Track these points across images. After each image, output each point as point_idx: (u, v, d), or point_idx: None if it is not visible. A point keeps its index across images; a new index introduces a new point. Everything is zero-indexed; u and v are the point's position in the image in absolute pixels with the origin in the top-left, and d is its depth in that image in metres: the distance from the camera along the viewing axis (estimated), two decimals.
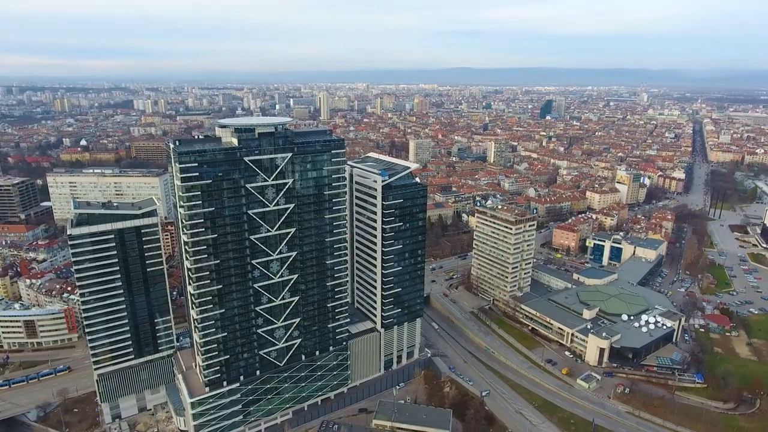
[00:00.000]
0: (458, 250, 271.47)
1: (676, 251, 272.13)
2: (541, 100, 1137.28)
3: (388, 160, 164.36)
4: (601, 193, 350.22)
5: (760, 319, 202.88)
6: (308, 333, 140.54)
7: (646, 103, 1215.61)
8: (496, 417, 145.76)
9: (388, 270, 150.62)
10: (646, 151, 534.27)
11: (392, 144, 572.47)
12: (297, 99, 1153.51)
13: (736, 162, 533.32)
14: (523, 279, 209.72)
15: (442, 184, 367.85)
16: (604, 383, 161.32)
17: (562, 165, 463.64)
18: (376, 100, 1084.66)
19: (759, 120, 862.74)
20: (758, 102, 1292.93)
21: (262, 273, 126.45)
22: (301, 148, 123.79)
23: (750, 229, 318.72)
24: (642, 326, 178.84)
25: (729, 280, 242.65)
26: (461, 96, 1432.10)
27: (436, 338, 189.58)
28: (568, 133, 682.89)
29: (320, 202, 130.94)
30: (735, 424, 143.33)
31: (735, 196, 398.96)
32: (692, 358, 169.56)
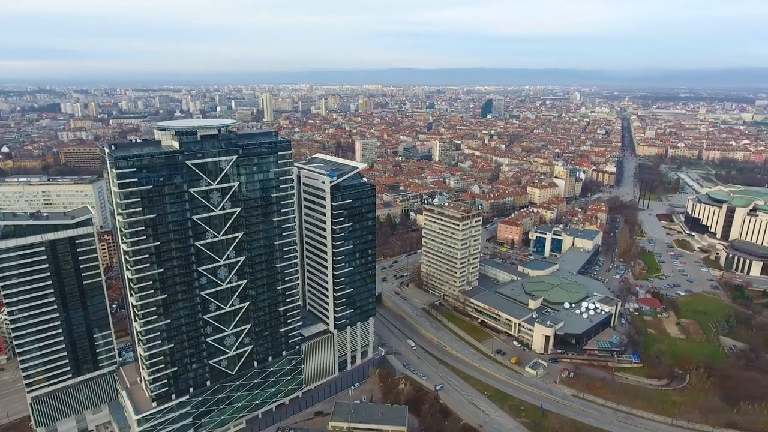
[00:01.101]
0: (408, 248, 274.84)
1: (610, 240, 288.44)
2: (482, 100, 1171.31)
3: (335, 161, 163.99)
4: (541, 188, 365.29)
5: (686, 300, 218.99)
6: (260, 339, 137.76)
7: (579, 102, 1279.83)
8: (451, 409, 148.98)
9: (339, 271, 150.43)
10: (580, 147, 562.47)
11: (338, 145, 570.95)
12: (239, 100, 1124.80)
13: (661, 155, 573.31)
14: (471, 273, 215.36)
15: (390, 183, 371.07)
16: (551, 369, 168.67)
17: (504, 162, 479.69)
18: (321, 101, 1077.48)
19: (679, 116, 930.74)
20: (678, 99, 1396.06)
21: (210, 280, 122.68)
22: (247, 150, 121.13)
23: (675, 218, 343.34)
24: (583, 313, 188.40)
25: (658, 265, 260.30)
26: (405, 96, 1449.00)
27: (390, 336, 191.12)
28: (508, 131, 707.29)
29: (268, 205, 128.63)
30: (668, 399, 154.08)
31: (661, 187, 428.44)
32: (629, 340, 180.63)
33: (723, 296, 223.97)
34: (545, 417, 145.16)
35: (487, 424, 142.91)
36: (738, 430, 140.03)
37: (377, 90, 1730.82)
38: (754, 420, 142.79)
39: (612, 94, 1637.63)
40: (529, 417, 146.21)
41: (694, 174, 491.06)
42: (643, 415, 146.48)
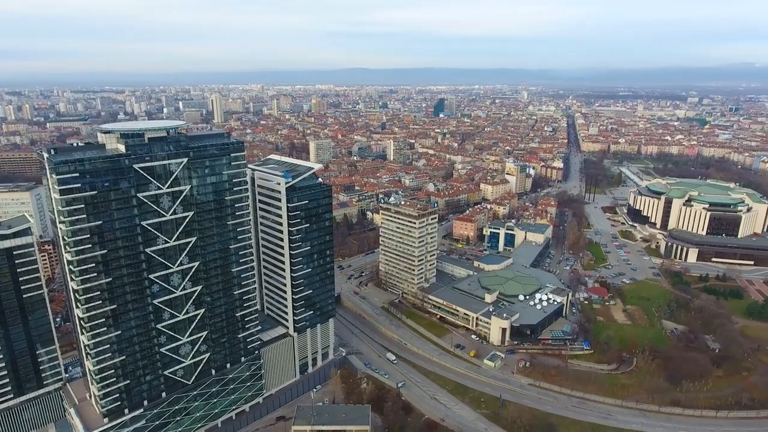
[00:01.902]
0: (365, 248, 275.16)
1: (560, 234, 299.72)
2: (434, 99, 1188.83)
3: (290, 162, 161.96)
4: (494, 185, 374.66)
5: (631, 288, 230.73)
6: (217, 346, 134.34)
7: (526, 101, 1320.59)
8: (413, 405, 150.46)
9: (297, 273, 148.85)
10: (529, 144, 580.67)
11: (292, 146, 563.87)
12: (187, 102, 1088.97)
13: (604, 151, 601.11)
14: (428, 270, 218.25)
15: (345, 183, 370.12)
16: (508, 360, 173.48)
17: (457, 160, 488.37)
18: (273, 102, 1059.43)
19: (619, 113, 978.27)
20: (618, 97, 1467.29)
21: (162, 287, 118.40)
22: (198, 152, 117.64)
23: (618, 210, 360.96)
24: (536, 304, 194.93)
25: (604, 255, 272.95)
26: (358, 96, 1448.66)
27: (350, 336, 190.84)
28: (460, 129, 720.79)
29: (221, 208, 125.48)
30: (618, 382, 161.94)
31: (605, 181, 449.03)
32: (580, 328, 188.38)
33: (664, 282, 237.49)
34: (504, 407, 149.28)
35: (449, 418, 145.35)
36: (681, 407, 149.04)
37: (330, 90, 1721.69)
38: (695, 397, 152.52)
39: (557, 92, 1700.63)
40: (489, 408, 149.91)
41: (634, 168, 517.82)
42: (595, 399, 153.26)
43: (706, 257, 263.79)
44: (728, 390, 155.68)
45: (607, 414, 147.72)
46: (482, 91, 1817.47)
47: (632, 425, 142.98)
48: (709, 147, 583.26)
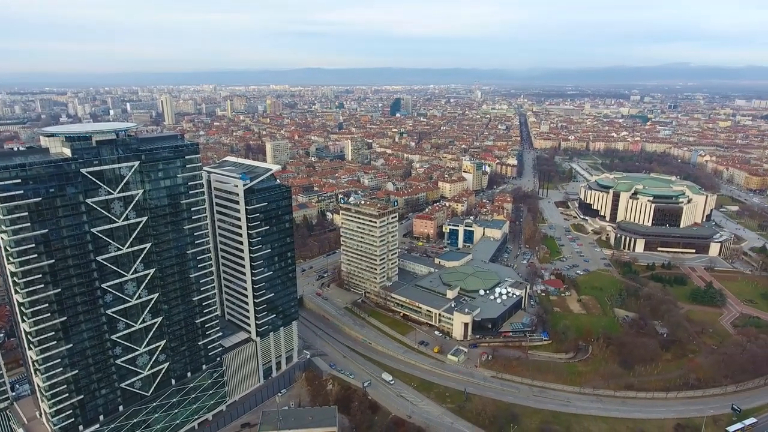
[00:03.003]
0: (326, 249, 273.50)
1: (516, 229, 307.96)
2: (390, 99, 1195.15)
3: (247, 164, 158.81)
4: (451, 183, 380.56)
5: (585, 279, 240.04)
6: (177, 354, 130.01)
7: (480, 100, 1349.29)
8: (380, 404, 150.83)
9: (258, 276, 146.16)
10: (484, 142, 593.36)
11: (248, 147, 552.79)
12: (135, 103, 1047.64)
13: (555, 148, 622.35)
14: (390, 269, 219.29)
15: (304, 184, 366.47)
16: (471, 354, 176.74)
17: (415, 159, 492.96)
18: (226, 103, 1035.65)
19: (568, 111, 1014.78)
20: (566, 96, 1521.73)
21: (116, 296, 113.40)
22: (150, 155, 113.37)
23: (570, 204, 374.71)
24: (496, 298, 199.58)
25: (559, 248, 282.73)
26: (314, 96, 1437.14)
27: (314, 338, 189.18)
28: (417, 128, 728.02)
29: (177, 212, 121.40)
30: (575, 370, 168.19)
31: (557, 176, 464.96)
32: (538, 320, 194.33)
33: (615, 272, 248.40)
34: (469, 400, 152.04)
35: (416, 414, 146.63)
36: (634, 390, 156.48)
37: (285, 90, 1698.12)
38: (647, 380, 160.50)
39: (509, 92, 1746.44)
40: (454, 402, 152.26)
41: (583, 164, 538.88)
42: (554, 388, 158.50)
43: (652, 247, 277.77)
44: (676, 372, 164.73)
45: (567, 401, 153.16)
46: (437, 90, 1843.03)
47: (590, 410, 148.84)
48: (651, 143, 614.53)
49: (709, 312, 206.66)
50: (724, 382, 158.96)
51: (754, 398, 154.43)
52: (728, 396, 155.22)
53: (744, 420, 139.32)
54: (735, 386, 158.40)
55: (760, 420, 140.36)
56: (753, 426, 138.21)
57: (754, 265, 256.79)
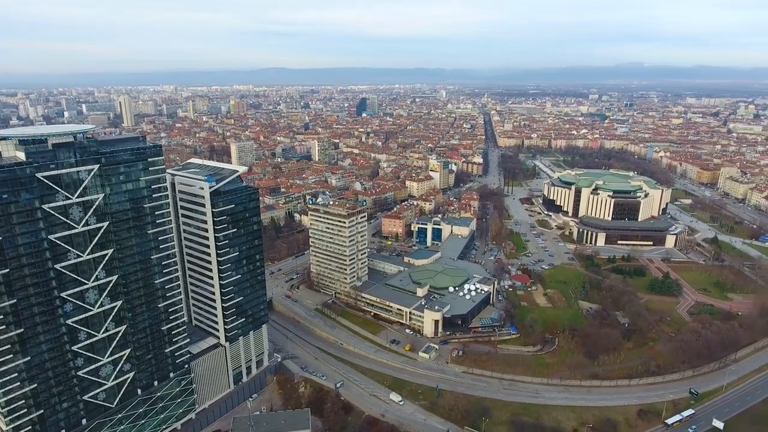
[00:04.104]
0: (295, 250, 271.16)
1: (483, 226, 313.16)
2: (356, 99, 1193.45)
3: (212, 165, 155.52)
4: (419, 182, 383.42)
5: (550, 273, 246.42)
6: (142, 363, 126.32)
7: (445, 99, 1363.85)
8: (353, 404, 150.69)
9: (226, 280, 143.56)
10: (450, 141, 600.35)
11: (212, 149, 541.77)
12: (91, 104, 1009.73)
13: (519, 146, 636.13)
14: (360, 269, 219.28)
15: (271, 185, 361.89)
16: (442, 351, 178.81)
17: (382, 158, 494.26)
18: (188, 104, 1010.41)
19: (531, 110, 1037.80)
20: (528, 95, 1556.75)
21: (77, 305, 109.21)
22: (110, 158, 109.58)
23: (534, 200, 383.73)
24: (465, 295, 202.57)
25: (525, 244, 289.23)
26: (279, 96, 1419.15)
27: (285, 341, 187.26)
28: (383, 128, 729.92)
29: (140, 216, 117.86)
30: (543, 362, 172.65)
31: (521, 174, 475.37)
32: (506, 314, 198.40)
33: (578, 266, 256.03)
34: (441, 396, 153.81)
35: (389, 413, 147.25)
36: (599, 379, 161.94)
37: (249, 91, 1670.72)
38: (610, 369, 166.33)
39: (473, 91, 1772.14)
40: (427, 399, 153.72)
41: (546, 161, 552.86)
42: (524, 380, 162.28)
43: (612, 240, 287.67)
44: (638, 360, 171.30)
45: (536, 393, 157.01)
46: (402, 90, 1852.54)
47: (557, 401, 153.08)
48: (609, 140, 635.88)
49: (667, 301, 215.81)
50: (682, 367, 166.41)
51: (710, 382, 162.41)
52: (686, 381, 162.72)
53: (682, 412, 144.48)
54: (692, 371, 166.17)
55: (698, 411, 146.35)
56: (691, 417, 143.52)
57: (706, 255, 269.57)
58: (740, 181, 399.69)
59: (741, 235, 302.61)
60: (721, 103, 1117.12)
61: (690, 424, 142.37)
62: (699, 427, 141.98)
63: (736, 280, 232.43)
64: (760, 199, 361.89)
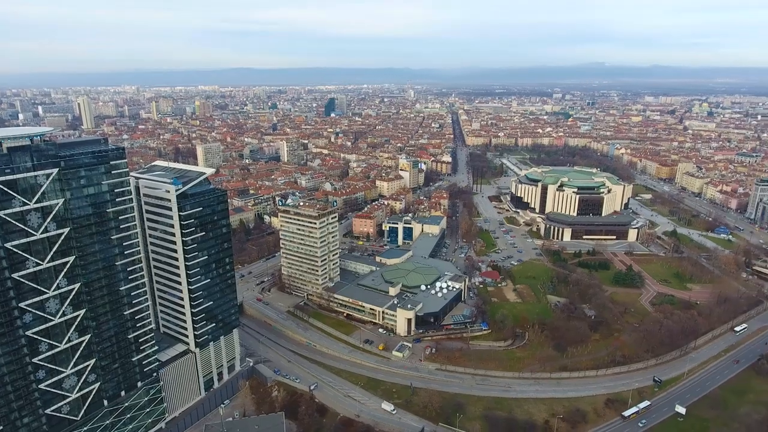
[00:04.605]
0: (265, 253, 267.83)
1: (453, 224, 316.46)
2: (325, 99, 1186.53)
3: (178, 168, 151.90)
4: (389, 181, 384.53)
5: (519, 269, 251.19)
6: (108, 373, 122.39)
7: (413, 99, 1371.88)
8: (327, 406, 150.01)
9: (195, 284, 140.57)
10: (419, 141, 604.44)
11: (177, 151, 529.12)
12: (48, 106, 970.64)
13: (486, 144, 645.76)
14: (332, 270, 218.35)
15: (239, 187, 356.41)
16: (415, 349, 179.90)
17: (352, 158, 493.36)
18: (152, 105, 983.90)
19: (497, 109, 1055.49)
20: (494, 94, 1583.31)
21: (37, 315, 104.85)
22: (70, 162, 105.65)
23: (503, 198, 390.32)
24: (437, 292, 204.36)
25: (494, 241, 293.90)
26: (245, 97, 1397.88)
27: (257, 345, 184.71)
28: (352, 128, 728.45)
29: (102, 222, 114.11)
30: (514, 356, 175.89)
31: (489, 172, 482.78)
32: (478, 311, 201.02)
33: (546, 261, 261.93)
34: (415, 394, 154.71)
35: (364, 413, 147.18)
36: (568, 371, 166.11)
37: (215, 91, 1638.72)
38: (579, 360, 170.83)
39: (441, 91, 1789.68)
40: (401, 397, 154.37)
41: (513, 159, 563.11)
42: (496, 375, 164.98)
43: (578, 235, 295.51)
44: (604, 351, 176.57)
45: (508, 387, 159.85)
46: (371, 90, 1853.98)
47: (529, 393, 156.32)
48: (573, 138, 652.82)
49: (631, 293, 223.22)
50: (645, 356, 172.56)
51: (672, 369, 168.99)
52: (650, 369, 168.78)
53: (638, 404, 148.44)
54: (655, 360, 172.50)
55: (654, 402, 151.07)
56: (647, 408, 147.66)
57: (666, 247, 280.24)
58: (696, 176, 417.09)
59: (698, 228, 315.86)
60: (677, 102, 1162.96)
61: (646, 415, 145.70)
62: (661, 414, 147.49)
63: (694, 271, 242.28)
64: (715, 193, 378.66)
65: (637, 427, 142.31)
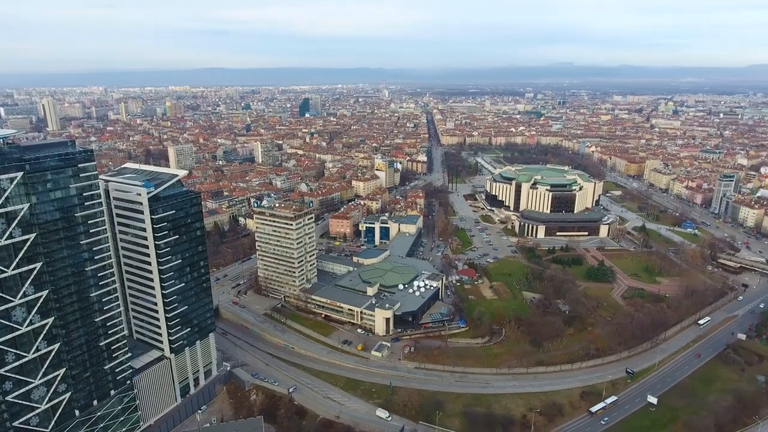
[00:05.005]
0: (241, 255, 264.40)
1: (430, 223, 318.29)
2: (299, 99, 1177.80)
3: (150, 170, 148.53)
4: (365, 181, 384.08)
5: (495, 266, 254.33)
6: (79, 383, 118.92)
7: (388, 99, 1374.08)
8: (306, 408, 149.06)
9: (169, 289, 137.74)
10: (394, 140, 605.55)
11: (148, 153, 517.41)
12: (10, 108, 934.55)
13: (461, 143, 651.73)
14: (309, 271, 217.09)
15: (213, 189, 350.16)
16: (394, 348, 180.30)
17: (327, 159, 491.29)
18: (120, 105, 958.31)
19: (471, 108, 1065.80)
20: (468, 94, 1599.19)
21: (2, 325, 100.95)
22: (36, 165, 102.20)
23: (478, 196, 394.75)
24: (415, 291, 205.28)
25: (470, 239, 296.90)
26: (218, 97, 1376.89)
27: (234, 349, 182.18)
28: (327, 128, 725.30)
29: (71, 227, 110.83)
30: (491, 353, 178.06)
31: (464, 171, 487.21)
32: (455, 309, 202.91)
33: (521, 258, 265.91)
34: (395, 393, 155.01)
35: (343, 414, 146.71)
36: (544, 365, 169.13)
37: (186, 92, 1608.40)
38: (554, 355, 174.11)
39: (415, 90, 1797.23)
40: (381, 397, 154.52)
41: (487, 158, 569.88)
42: (474, 372, 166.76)
43: (551, 232, 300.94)
44: (579, 344, 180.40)
45: (486, 383, 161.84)
46: (345, 90, 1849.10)
47: (506, 389, 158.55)
48: (545, 136, 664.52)
49: (603, 287, 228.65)
50: (618, 349, 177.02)
51: (643, 360, 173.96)
52: (623, 361, 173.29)
53: (606, 399, 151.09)
54: (628, 352, 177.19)
55: (627, 393, 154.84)
56: (614, 404, 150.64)
57: (636, 242, 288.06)
58: (663, 172, 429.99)
59: (666, 223, 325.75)
60: (644, 101, 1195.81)
61: (613, 410, 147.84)
62: (634, 404, 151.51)
63: (663, 265, 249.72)
64: (681, 189, 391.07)
65: (599, 425, 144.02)
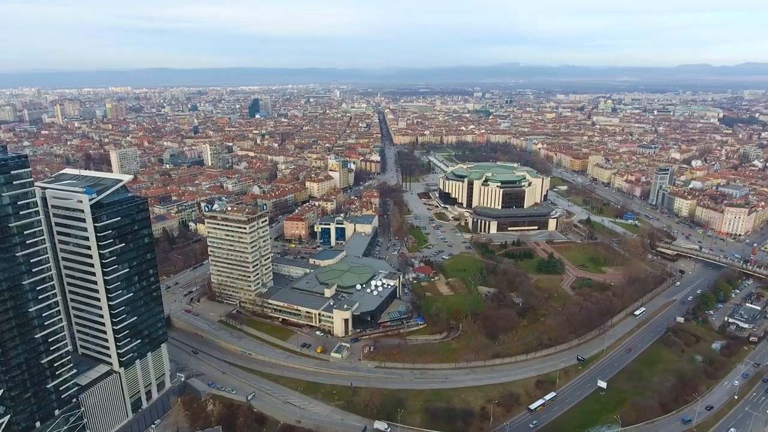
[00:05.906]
0: (192, 261, 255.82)
1: (385, 222, 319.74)
2: (248, 100, 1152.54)
3: (90, 176, 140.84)
4: (319, 182, 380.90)
5: (450, 263, 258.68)
6: (20, 404, 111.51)
7: (339, 99, 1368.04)
8: (266, 415, 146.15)
9: (115, 300, 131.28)
10: (347, 141, 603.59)
11: (87, 157, 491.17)
12: None
13: (413, 143, 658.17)
14: (265, 275, 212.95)
15: (160, 194, 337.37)
16: (354, 349, 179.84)
17: (280, 160, 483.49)
18: (56, 108, 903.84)
19: (422, 108, 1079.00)
20: (419, 94, 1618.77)
21: None
22: None
23: (431, 194, 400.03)
24: (373, 291, 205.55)
25: (425, 237, 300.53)
26: (162, 98, 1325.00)
27: (188, 358, 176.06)
28: (278, 129, 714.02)
29: (5, 238, 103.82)
30: (449, 348, 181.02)
31: (417, 170, 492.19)
32: (413, 306, 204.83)
33: (475, 254, 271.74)
34: (356, 394, 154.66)
35: (305, 418, 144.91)
36: (501, 357, 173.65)
37: (128, 93, 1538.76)
38: (510, 347, 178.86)
39: (366, 90, 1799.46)
40: (342, 398, 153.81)
41: (439, 156, 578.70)
42: (433, 368, 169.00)
43: (503, 227, 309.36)
44: (532, 335, 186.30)
45: (445, 378, 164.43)
46: (296, 90, 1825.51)
47: (465, 383, 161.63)
48: (494, 134, 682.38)
49: (553, 279, 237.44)
50: (569, 338, 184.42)
51: (592, 347, 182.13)
52: (574, 349, 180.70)
53: (545, 395, 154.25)
54: (578, 340, 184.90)
55: (560, 392, 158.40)
56: (553, 400, 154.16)
57: (582, 234, 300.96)
58: (605, 167, 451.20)
59: (609, 215, 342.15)
60: (585, 99, 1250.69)
61: (550, 407, 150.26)
62: (585, 390, 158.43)
63: (608, 255, 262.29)
64: (621, 183, 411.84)
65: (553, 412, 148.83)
